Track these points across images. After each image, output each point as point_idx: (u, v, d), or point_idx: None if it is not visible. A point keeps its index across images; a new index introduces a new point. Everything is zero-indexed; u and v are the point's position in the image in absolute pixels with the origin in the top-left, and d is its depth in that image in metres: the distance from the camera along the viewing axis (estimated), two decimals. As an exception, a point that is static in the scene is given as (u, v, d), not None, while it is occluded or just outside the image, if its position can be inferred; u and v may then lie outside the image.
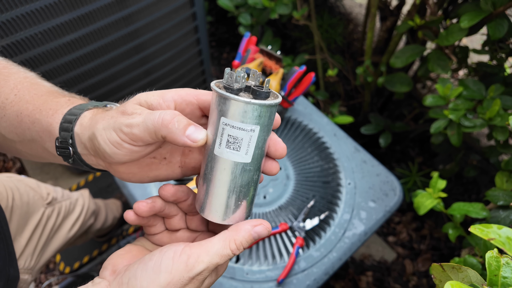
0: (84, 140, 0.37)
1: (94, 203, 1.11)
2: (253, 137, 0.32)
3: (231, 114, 0.31)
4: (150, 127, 0.32)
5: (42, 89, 0.42)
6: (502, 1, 0.78)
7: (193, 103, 0.35)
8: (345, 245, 0.79)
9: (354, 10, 2.09)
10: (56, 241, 0.89)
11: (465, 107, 0.84)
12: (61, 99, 0.40)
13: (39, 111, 0.40)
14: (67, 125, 0.38)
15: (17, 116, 0.41)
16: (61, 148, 0.39)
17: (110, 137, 0.34)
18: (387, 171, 0.90)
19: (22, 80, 0.42)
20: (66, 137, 0.38)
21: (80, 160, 0.40)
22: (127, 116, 0.33)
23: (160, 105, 0.34)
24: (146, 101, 0.34)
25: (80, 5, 0.89)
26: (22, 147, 0.44)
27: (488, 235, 0.35)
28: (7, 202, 0.76)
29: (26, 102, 0.40)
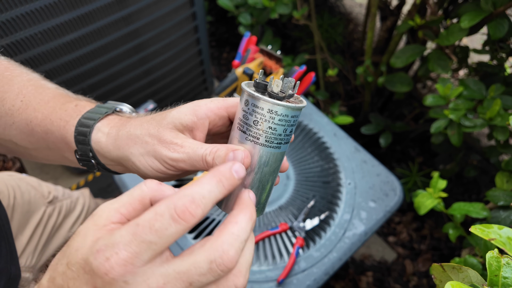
0: (109, 156, 0.38)
1: (94, 202, 1.11)
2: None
3: None
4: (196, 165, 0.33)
5: (48, 93, 0.42)
6: (502, 1, 0.77)
7: (225, 116, 0.36)
8: (345, 245, 0.79)
9: (354, 10, 2.08)
10: (57, 239, 0.90)
11: (466, 107, 0.84)
12: (69, 106, 0.40)
13: (50, 122, 0.39)
14: (83, 138, 0.38)
15: (27, 124, 0.40)
16: (83, 160, 0.40)
17: (153, 164, 0.35)
18: (387, 171, 0.90)
19: (26, 83, 0.42)
20: (85, 151, 0.38)
21: (105, 168, 0.41)
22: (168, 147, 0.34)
23: (196, 124, 0.35)
24: (181, 123, 0.34)
25: (80, 4, 0.89)
26: (37, 154, 0.44)
27: (489, 235, 0.35)
28: (9, 201, 0.76)
29: (34, 110, 0.40)
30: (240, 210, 0.29)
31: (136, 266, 0.24)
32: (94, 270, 0.24)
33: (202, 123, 0.35)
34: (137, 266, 0.24)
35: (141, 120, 0.37)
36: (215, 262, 0.25)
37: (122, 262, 0.23)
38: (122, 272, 0.23)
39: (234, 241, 0.26)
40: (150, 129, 0.35)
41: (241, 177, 0.29)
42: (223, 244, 0.26)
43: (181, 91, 1.45)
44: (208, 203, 0.26)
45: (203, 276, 0.25)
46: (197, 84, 1.51)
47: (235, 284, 0.27)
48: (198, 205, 0.25)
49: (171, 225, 0.24)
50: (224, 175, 0.28)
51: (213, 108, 0.35)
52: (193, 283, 0.25)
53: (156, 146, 0.34)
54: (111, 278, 0.23)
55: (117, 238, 0.24)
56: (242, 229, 0.27)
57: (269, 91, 0.32)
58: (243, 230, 0.27)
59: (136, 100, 1.30)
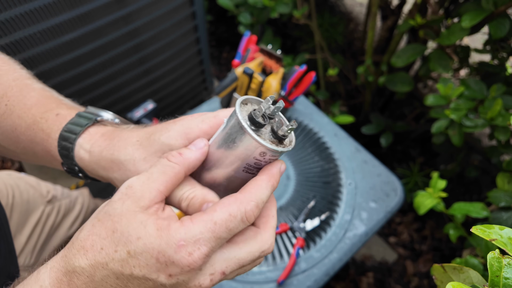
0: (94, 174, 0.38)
1: (93, 202, 1.11)
2: None
3: None
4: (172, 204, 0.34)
5: (31, 97, 0.40)
6: (503, 1, 0.77)
7: None
8: (346, 246, 0.78)
9: (355, 9, 2.08)
10: (56, 239, 0.90)
11: (467, 107, 0.83)
12: (49, 116, 0.39)
13: (33, 133, 0.39)
14: (66, 153, 0.37)
15: (13, 131, 0.40)
16: (71, 173, 0.40)
17: None
18: (388, 171, 0.90)
19: (11, 83, 0.41)
20: (71, 166, 0.38)
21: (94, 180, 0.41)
22: None
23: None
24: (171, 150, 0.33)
25: (79, 4, 0.89)
26: (27, 158, 0.44)
27: (490, 236, 0.35)
28: (7, 200, 0.76)
29: (18, 117, 0.39)
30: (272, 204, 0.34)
31: (209, 257, 0.29)
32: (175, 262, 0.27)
33: None
34: (210, 256, 0.29)
35: (126, 142, 0.35)
36: (264, 252, 0.31)
37: (203, 256, 0.27)
38: (201, 263, 0.28)
39: (274, 232, 0.33)
40: (135, 156, 0.34)
41: None
42: (270, 238, 0.32)
43: (181, 90, 1.45)
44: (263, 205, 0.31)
45: (253, 262, 0.31)
46: (197, 84, 1.51)
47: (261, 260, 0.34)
48: (260, 208, 0.30)
49: (240, 225, 0.29)
50: (276, 179, 0.31)
51: (206, 129, 0.34)
52: (244, 264, 0.31)
53: None
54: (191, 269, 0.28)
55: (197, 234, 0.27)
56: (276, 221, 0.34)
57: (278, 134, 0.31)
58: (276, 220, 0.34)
59: (136, 99, 1.29)
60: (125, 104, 1.27)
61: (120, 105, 1.26)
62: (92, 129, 0.38)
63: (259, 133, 0.31)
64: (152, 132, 0.35)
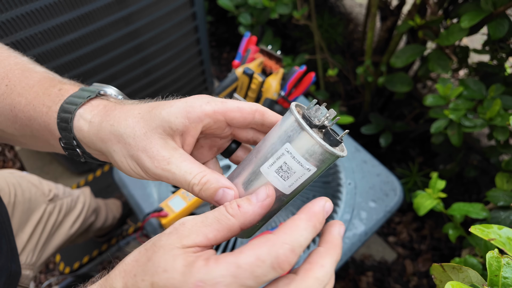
0: (92, 146, 0.36)
1: (95, 201, 1.11)
2: (305, 175, 0.31)
3: (299, 146, 0.30)
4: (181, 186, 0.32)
5: (34, 77, 0.39)
6: (502, 1, 0.77)
7: (221, 121, 0.33)
8: (345, 245, 0.79)
9: (355, 10, 2.08)
10: (57, 237, 0.90)
11: (466, 107, 0.84)
12: (52, 91, 0.38)
13: (32, 107, 0.37)
14: (65, 125, 0.35)
15: (11, 110, 0.38)
16: (68, 149, 0.38)
17: (136, 169, 0.33)
18: (387, 171, 0.90)
19: (13, 67, 0.40)
20: (69, 139, 0.36)
21: (91, 158, 0.39)
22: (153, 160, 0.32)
23: (187, 128, 0.32)
24: (171, 127, 0.32)
25: (80, 4, 0.89)
26: (25, 141, 0.43)
27: (489, 236, 0.35)
28: (9, 198, 0.76)
29: (18, 94, 0.38)
30: (328, 251, 0.27)
31: None
32: None
33: (194, 127, 0.32)
34: None
35: (126, 114, 0.33)
36: None
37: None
38: None
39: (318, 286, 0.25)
40: (136, 129, 0.32)
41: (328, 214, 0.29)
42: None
43: (181, 91, 1.45)
44: (302, 250, 0.26)
45: None
46: (197, 84, 1.51)
47: None
48: (296, 254, 0.25)
49: (270, 273, 0.24)
50: (318, 219, 0.27)
51: (209, 111, 0.32)
52: None
53: (139, 153, 0.32)
54: None
55: (217, 277, 0.24)
56: (327, 274, 0.26)
57: None
58: (328, 275, 0.26)
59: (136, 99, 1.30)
60: (125, 104, 1.27)
61: (121, 105, 1.26)
62: (95, 101, 0.36)
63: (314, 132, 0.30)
64: (154, 106, 0.33)
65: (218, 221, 0.28)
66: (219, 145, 0.38)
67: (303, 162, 0.30)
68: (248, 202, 0.29)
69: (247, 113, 0.33)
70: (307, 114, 0.30)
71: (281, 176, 0.31)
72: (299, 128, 0.30)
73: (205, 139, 0.37)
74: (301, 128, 0.29)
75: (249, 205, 0.29)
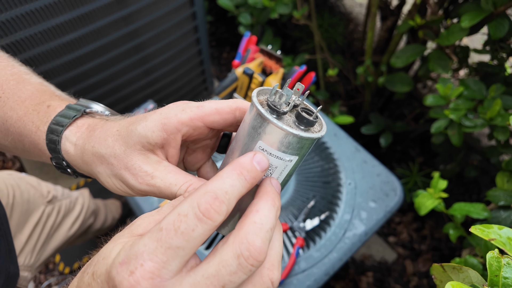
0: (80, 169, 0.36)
1: (94, 203, 1.11)
2: (289, 166, 0.29)
3: (272, 141, 0.27)
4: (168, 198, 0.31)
5: (27, 90, 0.39)
6: (502, 1, 0.77)
7: (200, 127, 0.31)
8: (346, 246, 0.78)
9: (355, 10, 2.08)
10: (56, 239, 0.90)
11: (466, 107, 0.84)
12: (41, 108, 0.37)
13: (23, 124, 0.37)
14: (53, 147, 0.35)
15: (3, 123, 0.38)
16: (60, 168, 0.38)
17: (121, 187, 0.32)
18: (387, 171, 0.90)
19: (8, 77, 0.40)
20: (59, 159, 0.36)
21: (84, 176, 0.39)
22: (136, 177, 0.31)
23: (166, 141, 0.31)
24: (149, 143, 0.30)
25: (79, 4, 0.89)
26: (19, 153, 0.43)
27: (489, 236, 0.35)
28: (8, 199, 0.76)
29: (10, 108, 0.38)
30: (260, 198, 0.26)
31: (164, 279, 0.21)
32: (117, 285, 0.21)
33: (174, 138, 0.31)
34: (165, 279, 0.21)
35: (106, 133, 0.32)
36: (242, 255, 0.22)
37: (149, 275, 0.21)
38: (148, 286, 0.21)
39: (258, 230, 0.23)
40: (116, 148, 0.31)
41: (264, 169, 0.27)
42: (247, 235, 0.23)
43: (181, 91, 1.45)
44: (232, 199, 0.24)
45: (234, 274, 0.22)
46: (197, 84, 1.51)
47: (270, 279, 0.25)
48: (222, 201, 0.23)
49: (197, 226, 0.22)
50: (245, 167, 0.25)
51: (185, 120, 0.30)
52: (226, 285, 0.22)
53: (122, 172, 0.31)
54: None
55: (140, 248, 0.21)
56: (265, 217, 0.24)
57: None
58: (267, 218, 0.24)
59: (136, 100, 1.30)
60: (125, 104, 1.27)
61: (121, 105, 1.26)
62: (80, 121, 0.36)
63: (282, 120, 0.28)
64: (132, 121, 0.32)
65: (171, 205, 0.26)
66: (211, 145, 0.37)
67: (281, 155, 0.28)
68: None
69: (227, 113, 0.31)
70: (271, 103, 0.27)
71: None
72: (266, 123, 0.27)
73: (195, 144, 0.36)
74: (268, 122, 0.26)
75: None
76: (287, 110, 0.28)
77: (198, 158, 0.37)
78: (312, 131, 0.28)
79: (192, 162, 0.37)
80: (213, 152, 0.38)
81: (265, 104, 0.28)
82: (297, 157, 0.28)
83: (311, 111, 0.29)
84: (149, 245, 0.21)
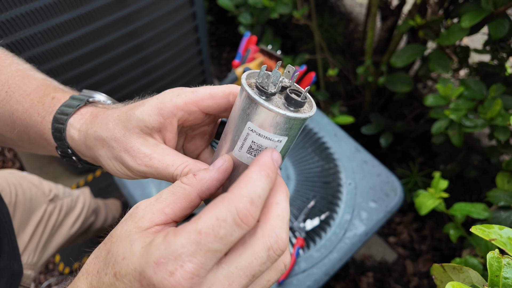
0: (84, 154, 0.37)
1: (94, 202, 1.11)
2: (279, 146, 0.29)
3: (261, 122, 0.28)
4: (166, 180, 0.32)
5: (32, 84, 0.41)
6: (503, 1, 0.77)
7: (195, 111, 0.32)
8: (346, 246, 0.78)
9: (355, 10, 2.08)
10: (58, 237, 0.90)
11: (466, 107, 0.83)
12: (46, 100, 0.39)
13: (28, 116, 0.39)
14: (59, 135, 0.37)
15: (9, 116, 0.40)
16: (65, 157, 0.39)
17: (122, 170, 0.34)
18: (387, 171, 0.90)
19: (13, 74, 0.41)
20: (64, 147, 0.37)
21: (88, 163, 0.40)
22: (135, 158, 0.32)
23: (163, 125, 0.32)
24: (147, 126, 0.32)
25: (79, 4, 0.89)
26: (24, 145, 0.44)
27: (489, 236, 0.35)
28: (10, 198, 0.77)
29: (16, 102, 0.39)
30: (277, 190, 0.27)
31: (202, 277, 0.23)
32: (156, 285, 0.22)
33: (170, 123, 0.32)
34: (203, 277, 0.23)
35: (107, 119, 0.34)
36: (272, 248, 0.24)
37: (189, 275, 0.22)
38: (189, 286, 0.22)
39: (282, 223, 0.25)
40: (116, 132, 0.32)
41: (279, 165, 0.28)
42: (275, 228, 0.25)
43: (181, 91, 1.45)
44: (263, 201, 0.25)
45: (263, 265, 0.24)
46: (197, 84, 1.51)
47: (284, 263, 0.27)
48: (257, 206, 0.24)
49: (235, 231, 0.23)
50: (270, 168, 0.26)
51: (180, 104, 0.31)
52: (255, 274, 0.24)
53: (122, 154, 0.32)
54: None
55: (178, 249, 0.22)
56: (285, 209, 0.26)
57: None
58: (286, 210, 0.27)
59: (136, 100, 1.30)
60: (125, 104, 1.27)
61: (121, 105, 1.26)
62: (84, 109, 0.37)
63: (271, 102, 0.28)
64: (131, 107, 0.33)
65: (173, 194, 0.27)
66: (209, 132, 0.38)
67: (270, 136, 0.28)
68: (204, 171, 0.29)
69: (221, 98, 0.32)
70: (259, 84, 0.28)
71: (254, 155, 0.30)
72: (254, 104, 0.27)
73: (193, 130, 0.37)
74: (256, 103, 0.27)
75: (205, 172, 0.28)
76: (275, 91, 0.28)
77: (197, 145, 0.38)
78: (301, 112, 0.29)
79: (192, 149, 0.38)
80: (212, 138, 0.39)
81: (254, 86, 0.29)
82: (286, 137, 0.29)
83: (300, 93, 0.29)
84: (188, 247, 0.22)
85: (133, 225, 0.26)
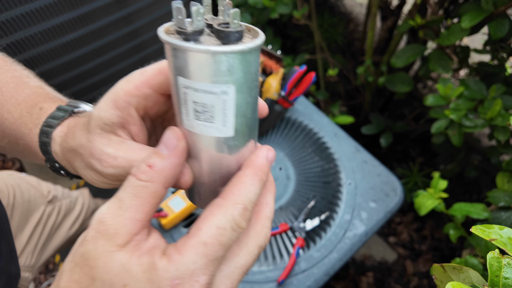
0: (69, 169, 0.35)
1: (94, 202, 1.11)
2: (230, 100, 0.23)
3: (190, 72, 0.22)
4: None
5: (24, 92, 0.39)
6: (503, 1, 0.77)
7: (150, 94, 0.29)
8: (346, 246, 0.78)
9: (355, 10, 2.08)
10: (56, 239, 0.90)
11: (466, 107, 0.83)
12: (34, 110, 0.37)
13: (17, 127, 0.37)
14: (45, 149, 0.35)
15: (0, 126, 0.39)
16: (55, 171, 0.38)
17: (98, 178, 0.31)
18: (388, 171, 0.90)
19: (8, 80, 0.40)
20: (52, 162, 0.36)
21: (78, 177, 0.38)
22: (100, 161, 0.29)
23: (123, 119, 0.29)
24: (105, 123, 0.29)
25: (79, 4, 0.89)
26: (17, 154, 0.43)
27: (490, 236, 0.35)
28: (8, 200, 0.76)
29: (7, 111, 0.38)
30: (268, 190, 0.29)
31: (212, 284, 0.24)
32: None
33: (129, 114, 0.29)
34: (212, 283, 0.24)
35: (76, 127, 0.32)
36: (262, 246, 0.28)
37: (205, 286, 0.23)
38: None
39: (269, 223, 0.28)
40: (82, 138, 0.30)
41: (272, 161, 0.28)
42: (264, 229, 0.28)
43: (181, 91, 1.45)
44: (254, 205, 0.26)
45: (255, 259, 0.27)
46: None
47: None
48: (250, 210, 0.25)
49: (233, 236, 0.24)
50: (264, 171, 0.26)
51: (131, 90, 0.28)
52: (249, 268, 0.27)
53: (90, 160, 0.30)
54: None
55: (190, 266, 0.23)
56: (272, 209, 0.29)
57: None
58: (273, 210, 0.29)
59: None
60: (125, 104, 1.27)
61: (121, 105, 1.26)
62: (67, 121, 0.35)
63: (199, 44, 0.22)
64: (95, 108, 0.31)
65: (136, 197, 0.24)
66: None
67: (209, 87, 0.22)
68: (159, 157, 0.25)
69: None
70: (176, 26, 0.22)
71: (205, 120, 0.24)
72: (174, 50, 0.22)
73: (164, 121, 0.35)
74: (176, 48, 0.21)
75: (162, 160, 0.25)
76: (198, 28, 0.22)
77: None
78: None
79: None
80: None
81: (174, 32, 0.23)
82: (231, 85, 0.22)
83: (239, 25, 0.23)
84: (199, 262, 0.23)
85: (110, 243, 0.23)
